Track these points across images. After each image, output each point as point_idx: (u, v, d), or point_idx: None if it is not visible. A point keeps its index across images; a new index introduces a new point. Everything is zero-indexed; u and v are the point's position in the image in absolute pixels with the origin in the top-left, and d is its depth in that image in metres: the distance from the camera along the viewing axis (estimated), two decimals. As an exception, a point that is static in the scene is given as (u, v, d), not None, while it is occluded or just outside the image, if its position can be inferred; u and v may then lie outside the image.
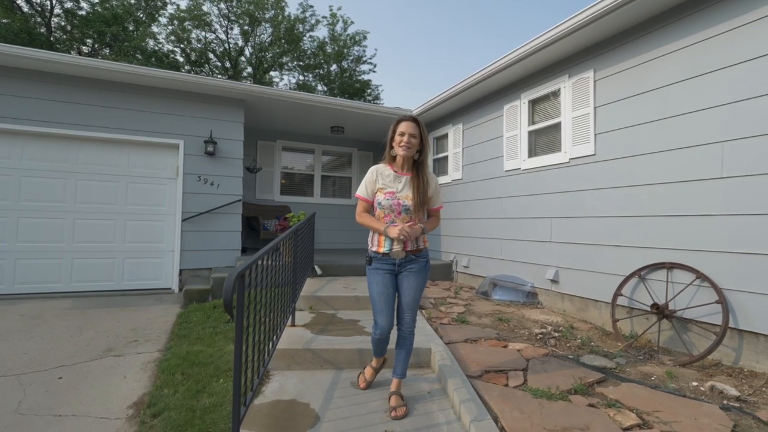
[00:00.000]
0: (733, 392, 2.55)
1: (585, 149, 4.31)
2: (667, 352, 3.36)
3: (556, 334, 3.71)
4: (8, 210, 5.27)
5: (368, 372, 2.73)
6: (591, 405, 2.38)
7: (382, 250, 2.36)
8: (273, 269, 2.81)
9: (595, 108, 4.24)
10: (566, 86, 4.58)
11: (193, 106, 6.08)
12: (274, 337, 2.88)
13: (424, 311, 4.34)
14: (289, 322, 3.68)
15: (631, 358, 3.20)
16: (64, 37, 16.08)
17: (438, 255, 6.98)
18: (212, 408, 2.50)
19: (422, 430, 2.22)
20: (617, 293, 3.77)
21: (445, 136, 7.04)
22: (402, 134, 2.31)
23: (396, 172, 2.39)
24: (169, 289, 5.96)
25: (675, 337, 3.39)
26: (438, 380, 2.85)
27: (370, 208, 2.46)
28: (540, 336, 3.65)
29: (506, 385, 2.64)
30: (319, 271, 5.46)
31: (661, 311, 3.40)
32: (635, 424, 2.16)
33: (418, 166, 2.39)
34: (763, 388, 2.69)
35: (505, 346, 3.35)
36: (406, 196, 2.33)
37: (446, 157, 6.96)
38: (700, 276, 3.21)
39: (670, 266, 3.44)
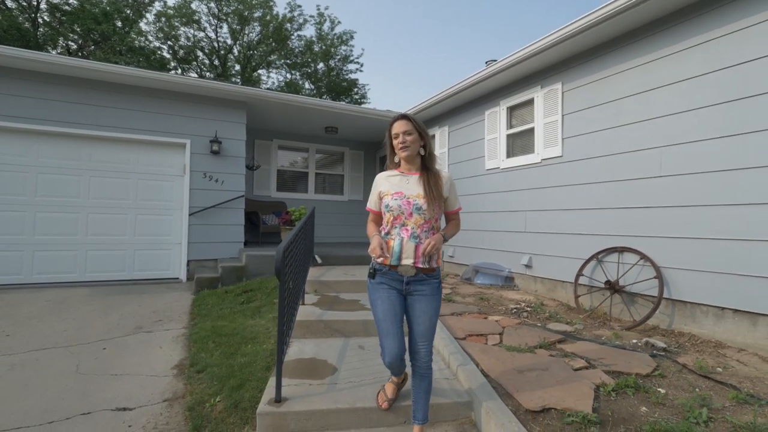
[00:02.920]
0: (662, 345, 3.24)
1: (554, 151, 4.98)
2: (617, 320, 4.05)
3: (529, 309, 4.36)
4: (26, 205, 5.64)
5: (389, 388, 2.37)
6: (551, 355, 3.02)
7: (389, 261, 2.05)
8: (291, 255, 3.34)
9: (562, 115, 4.91)
10: (539, 96, 5.24)
11: (199, 107, 6.52)
12: (293, 311, 3.42)
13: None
14: (300, 301, 4.22)
15: (588, 325, 3.87)
16: (50, 32, 16.04)
17: (425, 246, 7.59)
18: (247, 364, 3.04)
19: (419, 375, 2.81)
20: (579, 274, 4.45)
21: (432, 137, 7.65)
22: (396, 136, 2.12)
23: (403, 173, 2.18)
24: (177, 278, 6.41)
25: (624, 308, 4.09)
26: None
27: (378, 218, 2.22)
28: (515, 310, 4.30)
29: (485, 343, 3.26)
30: (319, 260, 6.00)
31: (612, 287, 4.10)
32: (583, 366, 2.81)
33: (426, 165, 2.17)
34: (686, 344, 3.39)
35: (485, 318, 3.98)
36: (417, 194, 2.07)
37: (433, 157, 7.57)
38: (644, 257, 3.91)
39: (621, 250, 4.13)
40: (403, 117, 2.15)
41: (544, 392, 2.41)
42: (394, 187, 2.13)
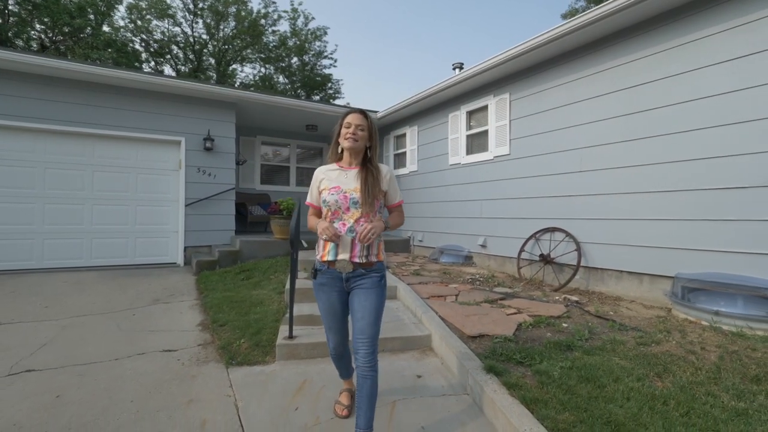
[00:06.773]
0: (575, 299, 4.31)
1: (503, 150, 5.99)
2: (548, 285, 5.13)
3: (481, 279, 5.38)
4: (36, 197, 6.18)
5: (344, 397, 2.40)
6: (492, 307, 4.01)
7: (326, 258, 2.05)
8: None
9: (510, 120, 5.92)
10: (492, 103, 6.24)
11: (193, 108, 7.15)
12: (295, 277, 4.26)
13: (389, 269, 5.88)
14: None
15: (525, 289, 4.92)
16: (19, 22, 15.82)
17: (398, 233, 8.54)
18: (259, 320, 3.88)
19: (393, 322, 3.73)
20: (521, 250, 5.50)
21: (404, 135, 8.57)
22: (348, 126, 2.10)
23: (342, 167, 2.16)
24: (175, 263, 7.09)
25: (554, 275, 5.17)
26: (402, 302, 4.39)
27: (317, 213, 2.19)
28: (470, 280, 5.31)
29: (444, 300, 4.23)
30: (305, 245, 6.83)
31: (545, 259, 5.16)
32: (514, 312, 3.81)
33: (367, 161, 2.15)
34: (595, 299, 4.48)
35: (446, 285, 4.95)
36: (354, 188, 2.05)
37: (405, 153, 8.51)
38: (568, 235, 4.98)
39: (553, 229, 5.20)
40: (362, 112, 2.16)
41: (482, 326, 3.39)
42: (332, 182, 2.11)
